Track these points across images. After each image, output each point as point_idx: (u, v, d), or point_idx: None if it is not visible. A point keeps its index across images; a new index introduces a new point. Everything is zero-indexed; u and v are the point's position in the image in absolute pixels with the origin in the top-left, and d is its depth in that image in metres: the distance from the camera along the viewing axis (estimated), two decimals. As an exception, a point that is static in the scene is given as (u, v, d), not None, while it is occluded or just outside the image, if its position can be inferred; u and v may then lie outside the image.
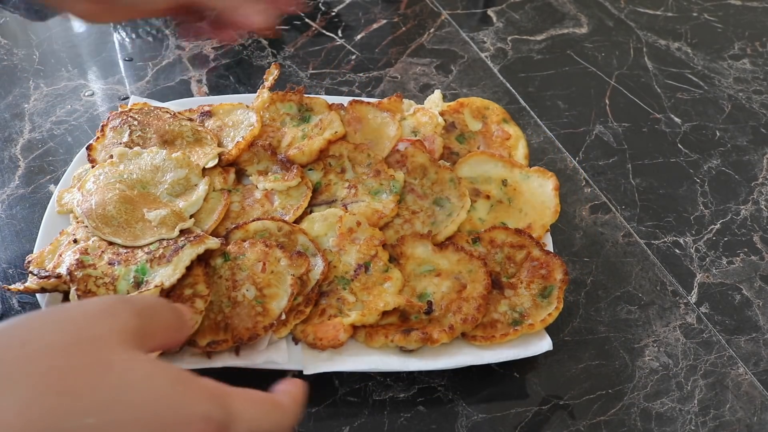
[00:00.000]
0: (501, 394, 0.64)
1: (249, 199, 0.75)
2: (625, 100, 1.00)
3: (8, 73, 0.97)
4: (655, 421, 0.64)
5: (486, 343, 0.64)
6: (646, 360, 0.68)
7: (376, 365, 0.62)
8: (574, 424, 0.63)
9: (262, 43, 1.04)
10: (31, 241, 0.71)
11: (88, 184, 0.71)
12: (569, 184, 0.86)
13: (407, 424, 0.62)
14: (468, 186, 0.77)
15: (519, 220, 0.75)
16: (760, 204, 0.86)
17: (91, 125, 0.89)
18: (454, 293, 0.67)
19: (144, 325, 0.35)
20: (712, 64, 1.08)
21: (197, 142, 0.78)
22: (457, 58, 1.05)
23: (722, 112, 0.99)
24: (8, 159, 0.84)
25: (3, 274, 0.71)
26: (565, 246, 0.78)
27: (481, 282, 0.67)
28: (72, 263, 0.63)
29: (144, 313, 0.36)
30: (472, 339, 0.65)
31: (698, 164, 0.91)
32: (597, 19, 1.15)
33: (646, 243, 0.80)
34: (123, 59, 1.01)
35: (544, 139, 0.93)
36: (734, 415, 0.65)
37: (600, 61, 1.07)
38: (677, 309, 0.73)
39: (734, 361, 0.69)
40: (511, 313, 0.66)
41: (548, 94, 1.00)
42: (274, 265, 0.66)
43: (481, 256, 0.70)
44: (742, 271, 0.78)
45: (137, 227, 0.68)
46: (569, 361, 0.68)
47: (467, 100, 0.87)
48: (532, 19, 1.15)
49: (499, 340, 0.64)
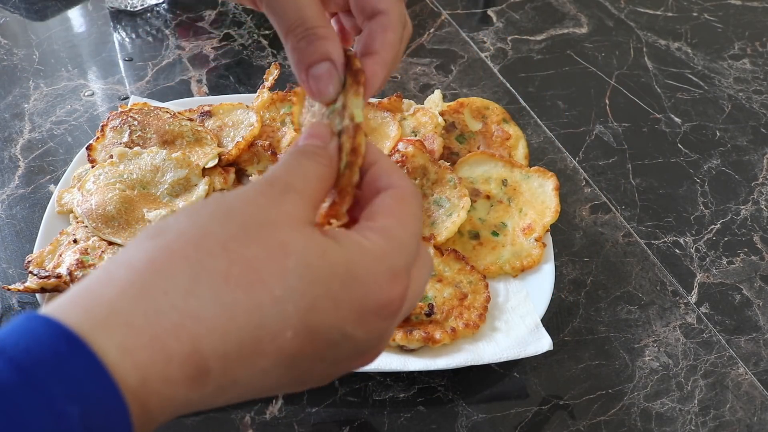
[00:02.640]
0: (501, 394, 0.64)
1: (249, 199, 0.75)
2: (625, 100, 1.00)
3: (8, 73, 0.97)
4: (655, 421, 0.64)
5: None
6: (646, 360, 0.68)
7: (377, 365, 0.62)
8: (574, 424, 0.63)
9: (262, 43, 1.04)
10: (31, 241, 0.71)
11: (88, 184, 0.71)
12: (569, 184, 0.86)
13: (407, 424, 0.62)
14: (468, 186, 0.77)
15: (519, 220, 0.75)
16: (760, 204, 0.86)
17: (91, 125, 0.89)
18: (456, 300, 0.67)
19: (307, 200, 0.33)
20: (712, 64, 1.08)
21: (197, 142, 0.78)
22: (457, 58, 1.05)
23: (722, 112, 0.99)
24: (8, 159, 0.84)
25: (3, 274, 0.71)
26: (565, 246, 0.78)
27: (481, 294, 0.68)
28: (72, 263, 0.63)
29: (301, 188, 0.33)
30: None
31: (698, 164, 0.91)
32: (597, 19, 1.15)
33: (646, 243, 0.80)
34: (123, 59, 1.01)
35: (544, 139, 0.93)
36: (734, 415, 0.65)
37: (600, 61, 1.07)
38: (677, 309, 0.73)
39: (734, 361, 0.69)
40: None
41: (548, 94, 1.00)
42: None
43: None
44: (742, 271, 0.78)
45: (137, 227, 0.68)
46: (569, 361, 0.68)
47: (467, 100, 0.87)
48: (532, 19, 1.15)
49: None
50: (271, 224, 0.31)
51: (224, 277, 0.28)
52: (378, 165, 0.37)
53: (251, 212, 0.31)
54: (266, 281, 0.29)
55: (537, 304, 0.67)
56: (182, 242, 0.29)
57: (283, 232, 0.31)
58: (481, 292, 0.68)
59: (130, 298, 0.27)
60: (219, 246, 0.29)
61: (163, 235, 0.30)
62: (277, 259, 0.29)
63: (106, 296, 0.27)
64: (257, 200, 0.32)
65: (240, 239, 0.29)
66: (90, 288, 0.28)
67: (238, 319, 0.28)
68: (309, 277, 0.30)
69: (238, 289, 0.28)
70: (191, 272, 0.28)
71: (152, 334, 0.26)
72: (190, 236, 0.29)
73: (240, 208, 0.31)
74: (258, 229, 0.30)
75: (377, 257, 0.33)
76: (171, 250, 0.29)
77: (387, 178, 0.37)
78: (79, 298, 0.27)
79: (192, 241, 0.29)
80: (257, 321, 0.28)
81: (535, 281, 0.70)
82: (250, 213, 0.31)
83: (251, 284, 0.29)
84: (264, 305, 0.29)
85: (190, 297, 0.27)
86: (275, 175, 0.34)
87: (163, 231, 0.30)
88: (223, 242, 0.29)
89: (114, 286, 0.27)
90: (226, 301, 0.28)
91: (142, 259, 0.28)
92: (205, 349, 0.27)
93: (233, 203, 0.31)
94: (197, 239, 0.29)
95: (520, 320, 0.66)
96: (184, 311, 0.27)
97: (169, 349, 0.27)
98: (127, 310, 0.27)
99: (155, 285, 0.27)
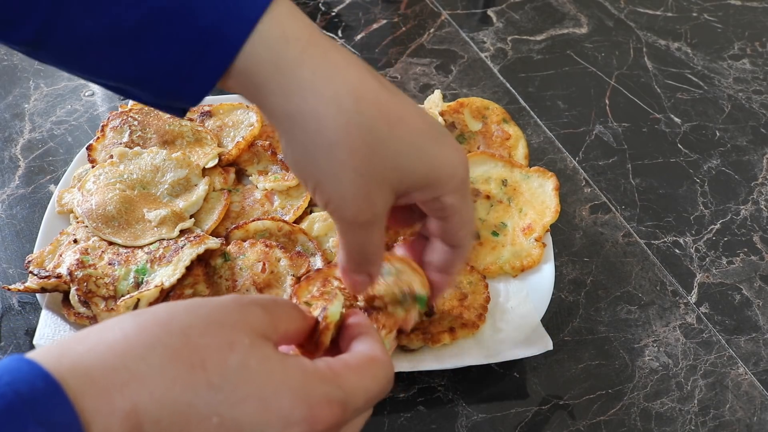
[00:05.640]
0: (501, 394, 0.64)
1: (249, 199, 0.75)
2: (625, 100, 1.00)
3: (8, 73, 0.97)
4: (655, 421, 0.64)
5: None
6: (646, 360, 0.68)
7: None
8: (574, 424, 0.63)
9: (262, 43, 1.04)
10: (31, 241, 0.71)
11: (88, 184, 0.71)
12: (569, 184, 0.86)
13: (407, 424, 0.62)
14: (468, 186, 0.77)
15: (519, 220, 0.75)
16: (760, 204, 0.86)
17: (91, 125, 0.89)
18: (456, 300, 0.67)
19: (269, 318, 0.37)
20: (712, 64, 1.08)
21: (197, 142, 0.78)
22: (457, 58, 1.05)
23: (722, 112, 0.99)
24: (8, 159, 0.84)
25: (3, 274, 0.71)
26: (565, 246, 0.78)
27: (481, 294, 0.68)
28: (72, 263, 0.63)
29: (269, 307, 0.37)
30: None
31: (698, 164, 0.91)
32: (597, 19, 1.15)
33: (646, 243, 0.80)
34: (123, 59, 1.01)
35: (544, 139, 0.93)
36: (734, 415, 0.65)
37: (600, 61, 1.07)
38: (677, 309, 0.73)
39: (734, 361, 0.69)
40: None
41: (548, 94, 1.00)
42: (275, 265, 0.66)
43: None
44: (742, 271, 0.78)
45: (137, 227, 0.68)
46: (569, 361, 0.68)
47: (467, 100, 0.87)
48: (532, 19, 1.15)
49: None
50: (229, 325, 0.35)
51: (174, 353, 0.33)
52: (364, 336, 0.41)
53: (217, 311, 0.35)
54: (207, 368, 0.33)
55: (537, 304, 0.67)
56: (152, 321, 0.34)
57: (236, 334, 0.34)
58: (480, 292, 0.68)
59: (95, 354, 0.32)
60: (179, 329, 0.34)
61: (142, 314, 0.35)
62: (222, 352, 0.33)
63: (78, 350, 0.32)
64: (227, 303, 0.36)
65: (198, 328, 0.34)
66: (69, 343, 0.33)
67: (175, 391, 0.32)
68: (245, 376, 0.33)
69: (182, 367, 0.32)
70: (150, 343, 0.33)
71: (103, 387, 0.31)
72: (160, 318, 0.34)
73: (209, 305, 0.36)
74: (216, 326, 0.34)
75: (319, 378, 0.35)
76: (141, 326, 0.34)
77: (366, 344, 0.40)
78: (59, 348, 0.32)
79: (160, 322, 0.34)
80: (189, 399, 0.32)
81: (535, 281, 0.70)
82: (216, 311, 0.35)
83: (193, 366, 0.32)
84: (199, 387, 0.32)
85: (142, 362, 0.32)
86: (251, 296, 0.39)
87: (144, 312, 0.35)
88: (183, 327, 0.34)
89: (87, 342, 0.33)
90: (168, 373, 0.32)
91: (114, 328, 0.34)
92: (142, 410, 0.31)
93: (207, 301, 0.36)
94: (165, 321, 0.34)
95: (520, 320, 0.66)
96: (134, 373, 0.31)
97: (114, 403, 0.30)
98: (89, 363, 0.31)
99: (118, 348, 0.32)
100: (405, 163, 0.40)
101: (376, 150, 0.39)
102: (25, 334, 0.66)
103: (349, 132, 0.38)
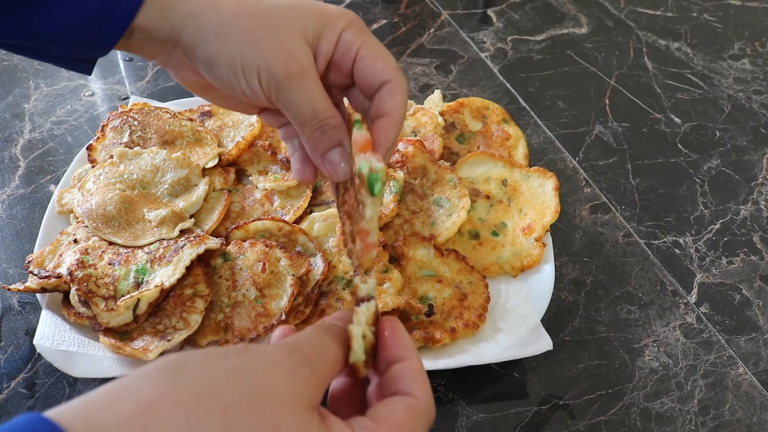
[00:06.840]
0: (501, 394, 0.64)
1: (249, 199, 0.75)
2: (625, 100, 1.00)
3: (8, 73, 0.97)
4: (655, 421, 0.64)
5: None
6: (646, 360, 0.68)
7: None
8: (574, 424, 0.63)
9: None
10: (31, 241, 0.71)
11: (88, 184, 0.71)
12: (569, 184, 0.86)
13: (407, 424, 0.62)
14: (468, 186, 0.77)
15: (519, 220, 0.75)
16: (760, 204, 0.86)
17: (91, 125, 0.89)
18: (456, 300, 0.67)
19: (317, 380, 0.35)
20: (712, 64, 1.08)
21: (197, 142, 0.78)
22: (457, 58, 1.05)
23: (722, 112, 0.99)
24: (8, 159, 0.84)
25: (3, 274, 0.71)
26: (565, 246, 0.78)
27: (481, 294, 0.68)
28: (72, 263, 0.63)
29: (317, 365, 0.36)
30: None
31: (698, 164, 0.91)
32: (597, 19, 1.15)
33: (646, 243, 0.80)
34: (123, 59, 1.01)
35: (544, 139, 0.93)
36: (734, 415, 0.65)
37: (600, 61, 1.07)
38: (677, 309, 0.73)
39: (734, 361, 0.69)
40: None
41: (548, 94, 1.00)
42: (275, 265, 0.66)
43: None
44: (742, 271, 0.78)
45: (137, 227, 0.68)
46: (569, 361, 0.68)
47: (467, 100, 0.87)
48: (532, 19, 1.15)
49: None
50: (274, 400, 0.32)
51: None
52: (405, 364, 0.39)
53: (262, 381, 0.33)
54: None
55: (537, 304, 0.67)
56: (191, 393, 0.31)
57: (282, 413, 0.32)
58: (480, 292, 0.68)
59: (125, 428, 0.29)
60: (220, 410, 0.31)
61: (177, 375, 0.32)
62: None
63: (104, 418, 0.29)
64: (272, 370, 0.33)
65: (241, 408, 0.31)
66: (96, 402, 0.30)
67: None
68: None
69: None
70: (186, 426, 0.30)
71: None
72: (199, 388, 0.31)
73: (254, 372, 0.33)
74: (261, 403, 0.32)
75: None
76: (177, 399, 0.30)
77: (410, 383, 0.38)
78: (83, 408, 0.30)
79: (198, 395, 0.31)
80: None
81: (535, 281, 0.70)
82: (261, 382, 0.33)
83: None
84: None
85: None
86: (297, 344, 0.36)
87: (179, 370, 0.32)
88: (225, 407, 0.31)
89: (117, 412, 0.29)
90: None
91: (149, 398, 0.30)
92: None
93: (250, 365, 0.33)
94: (204, 394, 0.31)
95: (520, 320, 0.66)
96: None
97: None
98: None
99: (151, 425, 0.29)
100: (301, 14, 0.45)
101: (273, 8, 0.44)
102: (25, 334, 0.66)
103: (242, 2, 0.44)
